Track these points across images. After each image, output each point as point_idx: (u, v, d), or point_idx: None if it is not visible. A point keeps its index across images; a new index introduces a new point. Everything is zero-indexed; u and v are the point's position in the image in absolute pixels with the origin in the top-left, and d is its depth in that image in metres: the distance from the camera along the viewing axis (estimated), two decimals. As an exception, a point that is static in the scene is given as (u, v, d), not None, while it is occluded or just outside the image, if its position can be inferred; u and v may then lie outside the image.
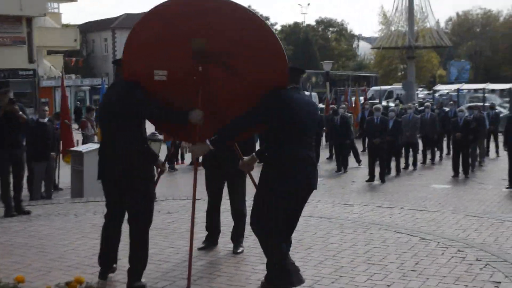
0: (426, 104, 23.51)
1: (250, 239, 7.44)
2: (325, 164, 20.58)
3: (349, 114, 21.18)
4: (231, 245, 7.69)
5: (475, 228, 8.95)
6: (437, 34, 52.10)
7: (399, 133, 17.93)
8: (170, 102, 6.09)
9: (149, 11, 6.20)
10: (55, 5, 55.11)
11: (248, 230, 6.70)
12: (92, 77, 56.64)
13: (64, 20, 61.14)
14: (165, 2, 6.14)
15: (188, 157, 20.46)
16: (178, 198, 11.55)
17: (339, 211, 10.55)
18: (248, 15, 6.02)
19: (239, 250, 7.66)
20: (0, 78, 42.98)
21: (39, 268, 6.86)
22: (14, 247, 7.83)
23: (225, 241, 7.84)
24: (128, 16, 73.80)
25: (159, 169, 6.57)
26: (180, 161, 20.84)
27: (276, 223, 5.82)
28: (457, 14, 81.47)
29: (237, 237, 7.75)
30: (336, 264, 6.99)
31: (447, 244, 7.80)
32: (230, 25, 5.96)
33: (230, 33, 5.97)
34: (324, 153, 22.14)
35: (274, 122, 5.73)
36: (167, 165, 6.95)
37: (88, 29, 74.28)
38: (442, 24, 74.55)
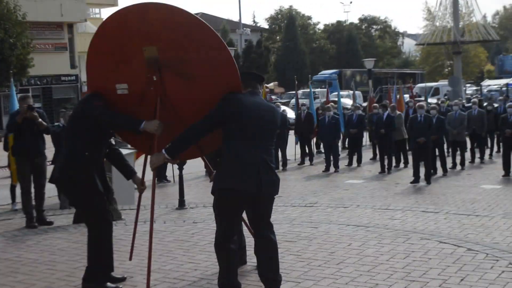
0: (473, 100, 22.42)
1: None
2: (368, 165, 19.74)
3: (398, 113, 20.26)
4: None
5: (529, 235, 8.10)
6: (484, 28, 50.58)
7: (443, 131, 16.99)
8: (137, 116, 5.97)
9: (102, 23, 6.19)
10: (97, 10, 55.30)
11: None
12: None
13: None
14: (110, 15, 6.13)
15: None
16: (209, 205, 10.90)
17: (379, 217, 9.81)
18: (189, 18, 5.81)
19: None
20: (43, 84, 43.24)
21: (43, 288, 6.31)
22: (22, 263, 7.29)
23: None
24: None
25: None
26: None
27: (217, 219, 5.65)
28: (504, 7, 79.45)
29: None
30: (370, 281, 6.24)
31: (497, 256, 6.96)
32: (175, 30, 5.79)
33: (178, 38, 5.81)
34: (367, 154, 21.33)
35: (225, 124, 5.57)
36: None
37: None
38: (489, 19, 72.71)
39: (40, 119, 9.92)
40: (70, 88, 45.09)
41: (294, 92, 30.69)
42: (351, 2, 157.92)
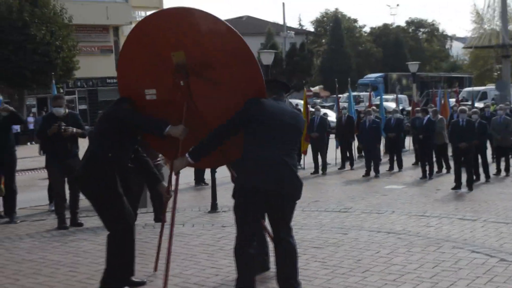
0: (518, 104, 21.80)
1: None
2: (409, 170, 19.35)
3: (440, 117, 19.81)
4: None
5: None
6: (535, 31, 49.30)
7: (485, 136, 16.55)
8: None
9: (133, 28, 6.25)
10: (142, 13, 55.68)
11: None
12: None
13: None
14: (142, 20, 6.27)
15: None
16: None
17: (413, 224, 9.55)
18: (218, 23, 5.80)
19: None
20: (89, 86, 43.82)
21: (63, 291, 6.25)
22: (45, 265, 7.26)
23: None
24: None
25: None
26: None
27: (237, 223, 5.57)
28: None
29: None
30: (395, 291, 6.02)
31: (531, 267, 6.67)
32: (204, 35, 5.81)
33: (205, 43, 5.81)
34: (409, 159, 20.94)
35: (247, 127, 5.53)
36: (171, 191, 6.54)
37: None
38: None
39: (74, 130, 9.88)
40: (115, 91, 44.99)
41: (339, 95, 30.42)
42: (397, 5, 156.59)
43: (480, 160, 16.83)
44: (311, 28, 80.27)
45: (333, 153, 20.71)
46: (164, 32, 5.91)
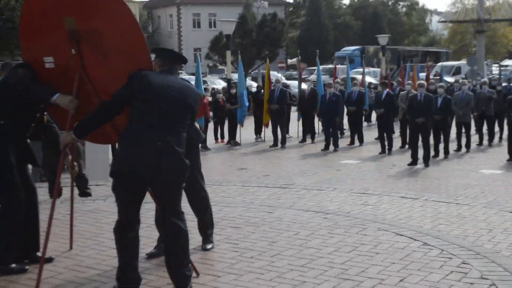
0: (483, 80, 21.38)
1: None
2: (371, 145, 18.90)
3: (403, 92, 19.27)
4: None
5: (505, 228, 7.33)
6: (510, 7, 48.96)
7: (449, 111, 16.13)
8: (62, 91, 5.55)
9: None
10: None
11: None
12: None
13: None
14: None
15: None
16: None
17: (350, 202, 9.11)
18: None
19: (209, 247, 6.46)
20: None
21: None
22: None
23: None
24: (193, -9, 73.11)
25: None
26: (220, 139, 19.51)
27: (117, 206, 5.12)
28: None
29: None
30: (298, 277, 5.53)
31: (452, 254, 6.20)
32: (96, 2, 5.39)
33: (90, 7, 5.39)
34: (372, 133, 20.52)
35: (132, 104, 5.06)
36: (76, 165, 6.29)
37: (154, 5, 74.04)
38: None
39: None
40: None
41: (315, 68, 29.85)
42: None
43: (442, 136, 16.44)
44: (290, 0, 79.45)
45: (296, 126, 20.24)
46: None
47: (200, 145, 7.44)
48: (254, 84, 33.65)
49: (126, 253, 5.01)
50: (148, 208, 6.81)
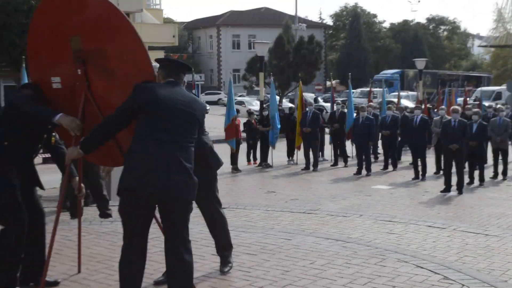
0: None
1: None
2: (405, 170, 18.51)
3: (437, 117, 18.92)
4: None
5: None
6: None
7: (484, 138, 15.72)
8: (68, 112, 5.47)
9: (37, 8, 5.77)
10: (157, 1, 55.22)
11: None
12: (198, 73, 56.47)
13: (172, 17, 61.31)
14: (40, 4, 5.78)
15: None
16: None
17: (374, 230, 8.82)
18: (104, 4, 5.33)
19: (226, 269, 6.34)
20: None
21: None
22: None
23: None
24: (232, 13, 73.59)
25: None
26: (252, 161, 19.36)
27: (123, 230, 4.89)
28: None
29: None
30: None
31: (473, 288, 5.90)
32: (95, 19, 5.36)
33: (97, 27, 5.35)
34: (406, 158, 20.11)
35: (134, 115, 4.89)
36: (83, 187, 6.09)
37: (194, 26, 74.70)
38: None
39: None
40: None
41: (354, 90, 29.62)
42: (419, 1, 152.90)
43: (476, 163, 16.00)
44: (330, 23, 79.40)
45: (329, 149, 20.01)
46: (64, 15, 5.46)
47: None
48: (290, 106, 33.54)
49: (130, 275, 4.82)
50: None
